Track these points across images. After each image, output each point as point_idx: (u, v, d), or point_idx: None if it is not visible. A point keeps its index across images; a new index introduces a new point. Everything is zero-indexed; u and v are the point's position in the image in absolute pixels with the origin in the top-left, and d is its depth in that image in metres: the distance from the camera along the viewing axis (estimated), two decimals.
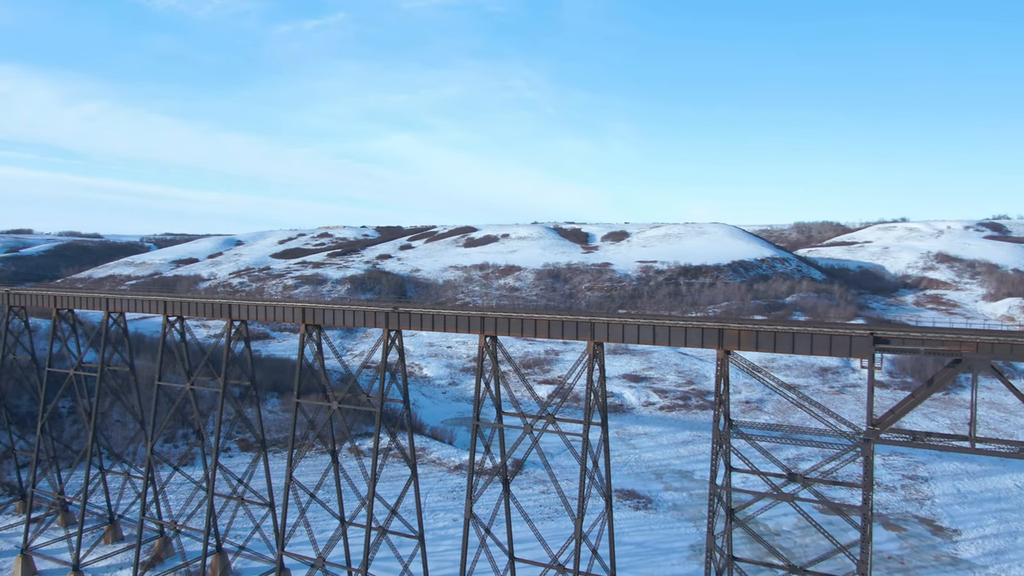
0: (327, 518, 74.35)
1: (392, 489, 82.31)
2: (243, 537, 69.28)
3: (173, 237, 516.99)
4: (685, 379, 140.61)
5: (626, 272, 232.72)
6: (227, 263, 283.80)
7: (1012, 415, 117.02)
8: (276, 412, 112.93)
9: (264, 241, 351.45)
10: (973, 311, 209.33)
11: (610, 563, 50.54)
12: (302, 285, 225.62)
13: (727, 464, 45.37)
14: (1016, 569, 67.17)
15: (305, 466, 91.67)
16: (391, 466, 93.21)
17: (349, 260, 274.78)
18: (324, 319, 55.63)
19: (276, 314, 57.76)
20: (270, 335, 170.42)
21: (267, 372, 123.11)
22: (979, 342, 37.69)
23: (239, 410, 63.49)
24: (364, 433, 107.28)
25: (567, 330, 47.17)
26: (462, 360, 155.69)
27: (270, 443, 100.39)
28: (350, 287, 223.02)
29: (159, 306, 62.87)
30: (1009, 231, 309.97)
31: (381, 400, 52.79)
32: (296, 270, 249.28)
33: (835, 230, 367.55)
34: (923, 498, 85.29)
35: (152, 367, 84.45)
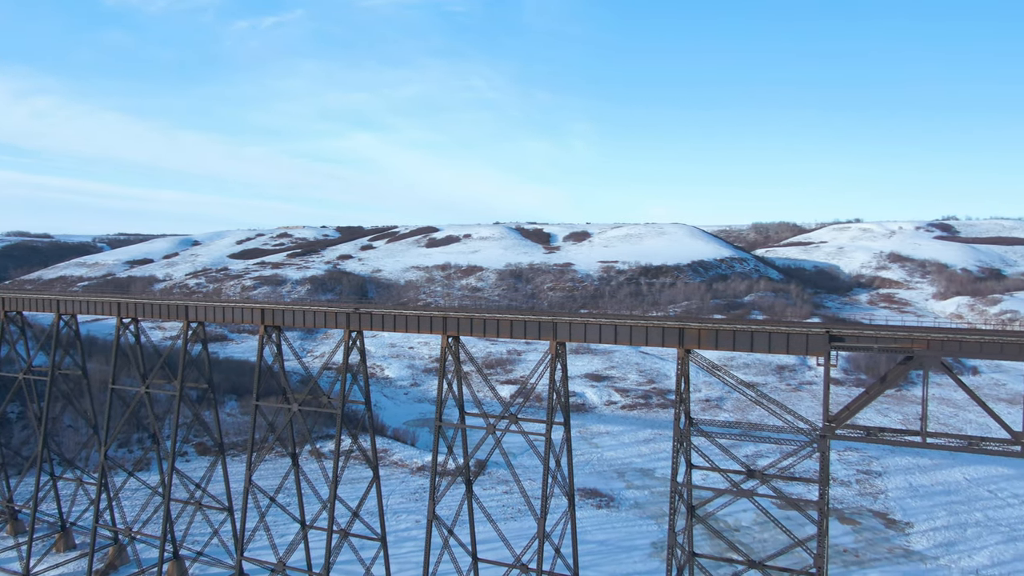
0: (287, 522, 73.39)
1: (354, 491, 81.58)
2: (201, 543, 68.01)
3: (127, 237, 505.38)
4: (646, 378, 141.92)
5: (588, 272, 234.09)
6: (183, 264, 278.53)
7: (961, 410, 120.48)
8: (235, 415, 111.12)
9: (222, 241, 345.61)
10: (924, 309, 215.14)
11: (573, 562, 50.78)
12: (261, 286, 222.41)
13: (688, 462, 45.91)
14: (965, 560, 69.17)
15: (265, 470, 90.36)
16: (353, 468, 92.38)
17: (309, 260, 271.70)
18: (284, 320, 54.91)
19: (234, 315, 56.82)
20: (228, 337, 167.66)
21: (225, 374, 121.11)
22: (930, 340, 38.73)
23: (196, 413, 62.34)
24: (325, 435, 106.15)
25: (530, 330, 47.26)
26: (424, 361, 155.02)
27: (228, 447, 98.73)
28: (310, 288, 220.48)
29: (112, 308, 61.40)
30: (958, 232, 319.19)
31: (342, 402, 52.28)
32: (255, 271, 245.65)
33: (792, 230, 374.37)
34: (877, 492, 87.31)
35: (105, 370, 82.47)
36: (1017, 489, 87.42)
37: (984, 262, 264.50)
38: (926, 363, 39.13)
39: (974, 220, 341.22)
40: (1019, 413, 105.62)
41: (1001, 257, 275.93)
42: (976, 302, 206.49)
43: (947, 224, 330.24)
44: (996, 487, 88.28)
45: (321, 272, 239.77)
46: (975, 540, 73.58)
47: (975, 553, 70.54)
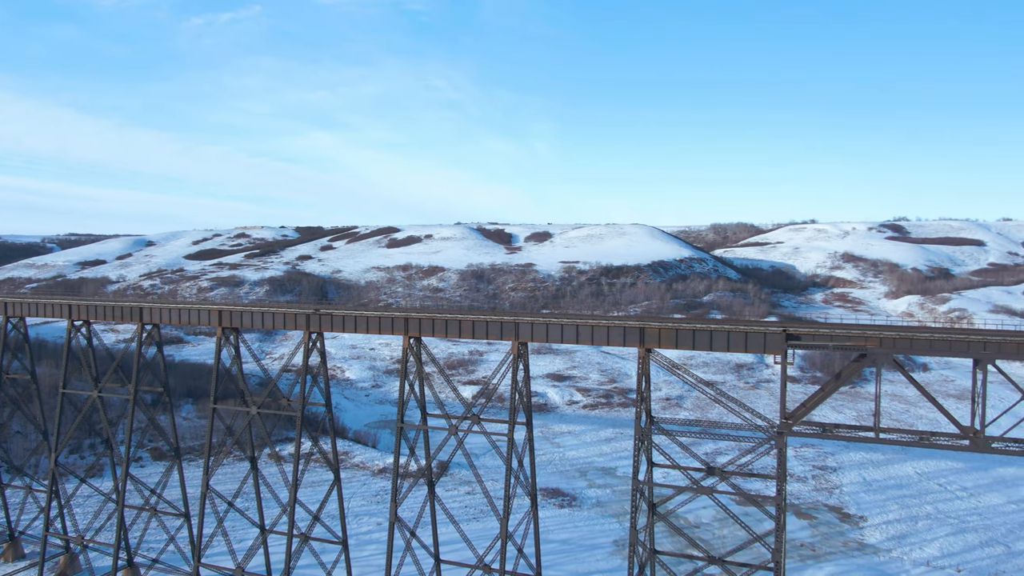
0: (246, 527, 72.25)
1: (314, 495, 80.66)
2: (156, 550, 66.59)
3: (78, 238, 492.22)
4: (608, 377, 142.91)
5: (549, 272, 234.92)
6: (137, 265, 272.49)
7: (912, 406, 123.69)
8: (191, 419, 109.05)
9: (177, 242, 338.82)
10: (876, 308, 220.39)
11: (536, 561, 50.90)
12: (218, 287, 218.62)
13: (649, 460, 46.34)
14: (917, 551, 71.04)
15: (223, 474, 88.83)
16: (313, 471, 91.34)
17: (268, 261, 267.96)
18: (242, 322, 54.07)
19: (191, 317, 55.77)
20: (184, 339, 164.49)
21: (181, 378, 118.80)
22: (882, 338, 39.71)
23: (151, 418, 61.03)
24: (285, 438, 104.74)
25: (492, 330, 47.26)
26: (385, 362, 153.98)
27: (185, 451, 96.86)
28: (269, 289, 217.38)
29: (63, 310, 59.79)
30: (908, 232, 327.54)
31: (302, 404, 51.66)
32: (212, 271, 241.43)
33: (749, 231, 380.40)
34: (832, 487, 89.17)
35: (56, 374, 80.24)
36: (965, 482, 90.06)
37: (934, 262, 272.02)
38: (879, 360, 40.09)
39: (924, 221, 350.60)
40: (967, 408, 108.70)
41: (950, 257, 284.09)
42: (926, 301, 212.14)
43: (898, 225, 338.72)
44: (946, 480, 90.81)
45: (280, 273, 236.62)
46: (926, 532, 75.59)
47: (926, 545, 72.49)
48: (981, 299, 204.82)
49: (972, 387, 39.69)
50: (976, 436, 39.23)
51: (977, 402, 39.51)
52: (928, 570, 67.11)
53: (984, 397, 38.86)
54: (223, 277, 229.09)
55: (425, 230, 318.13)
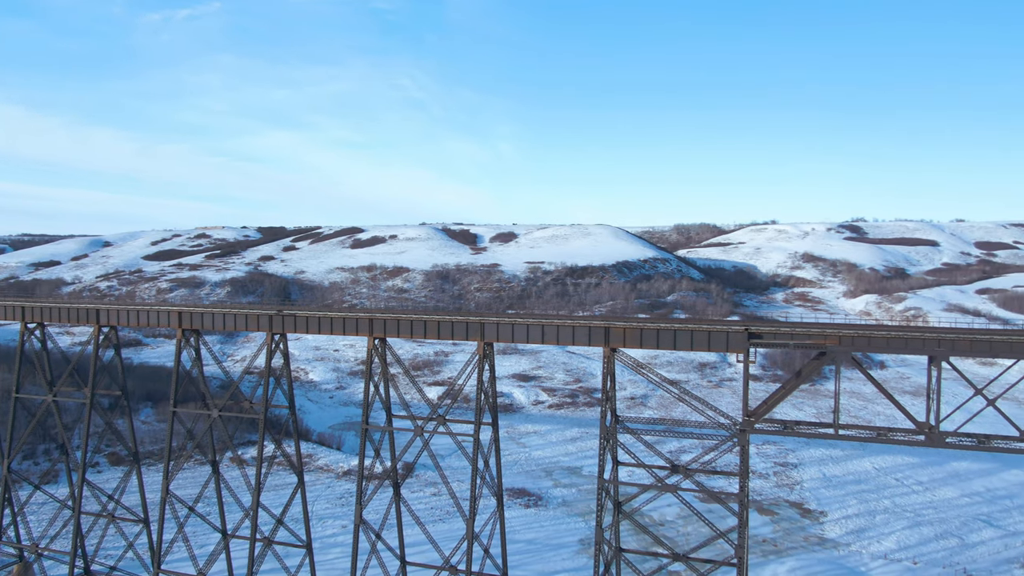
0: (208, 532, 71.07)
1: (278, 498, 79.67)
2: (115, 557, 65.17)
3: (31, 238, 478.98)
4: (573, 377, 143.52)
5: (514, 273, 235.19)
6: (94, 265, 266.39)
7: (870, 403, 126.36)
8: (151, 423, 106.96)
9: (136, 242, 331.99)
10: (835, 307, 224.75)
11: (502, 562, 50.91)
12: (178, 288, 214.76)
13: (614, 459, 46.64)
14: (875, 545, 72.59)
15: (183, 478, 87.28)
16: (276, 474, 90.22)
17: (229, 262, 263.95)
18: (203, 323, 53.19)
19: (150, 319, 54.70)
20: (143, 341, 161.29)
21: (140, 381, 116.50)
22: (841, 336, 40.50)
23: (109, 422, 59.71)
24: (247, 441, 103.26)
25: (457, 331, 47.16)
26: (350, 363, 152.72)
27: (144, 456, 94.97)
28: (230, 290, 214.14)
29: (16, 312, 58.19)
30: (866, 232, 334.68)
31: (265, 406, 51.00)
32: (171, 272, 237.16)
33: (712, 231, 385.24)
34: (793, 483, 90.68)
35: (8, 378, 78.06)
36: (921, 476, 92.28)
37: (890, 262, 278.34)
38: (838, 358, 40.88)
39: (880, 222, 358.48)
40: (923, 404, 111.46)
41: (905, 257, 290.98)
42: (883, 300, 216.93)
43: (856, 225, 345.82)
44: (902, 475, 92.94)
45: (242, 274, 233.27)
46: (883, 526, 77.28)
47: (883, 538, 74.11)
48: (935, 298, 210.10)
49: (927, 384, 40.69)
50: (931, 431, 40.21)
51: (932, 398, 40.50)
52: (886, 563, 68.62)
53: (939, 393, 39.84)
54: (183, 278, 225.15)
55: (390, 230, 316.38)
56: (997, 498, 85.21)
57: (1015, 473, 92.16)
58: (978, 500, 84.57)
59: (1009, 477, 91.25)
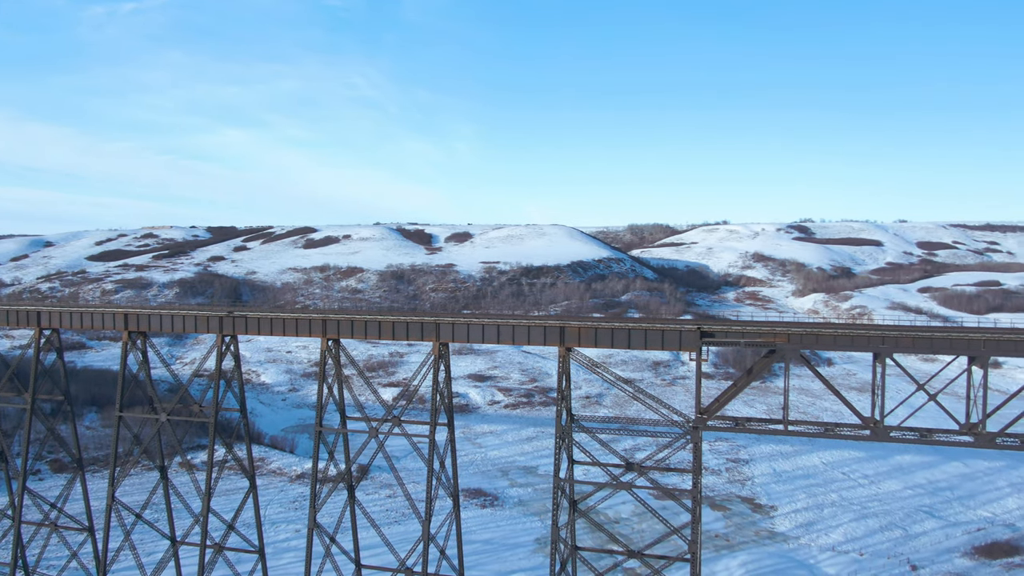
0: (156, 539, 69.37)
1: (229, 503, 78.18)
2: (58, 567, 63.14)
3: None
4: (528, 377, 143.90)
5: (470, 273, 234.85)
6: (34, 266, 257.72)
7: (818, 399, 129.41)
8: (95, 428, 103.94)
9: (79, 242, 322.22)
10: (785, 306, 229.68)
11: (458, 562, 50.78)
12: (124, 290, 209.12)
13: (569, 457, 46.89)
14: (823, 538, 74.39)
15: (130, 485, 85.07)
16: (228, 479, 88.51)
17: (178, 262, 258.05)
18: (150, 326, 51.89)
19: (94, 321, 53.15)
20: (87, 344, 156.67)
21: (84, 385, 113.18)
22: (790, 334, 41.40)
23: (51, 428, 57.82)
24: (197, 446, 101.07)
25: (412, 331, 46.88)
26: (303, 365, 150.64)
27: (88, 462, 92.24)
28: (179, 291, 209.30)
29: None
30: (814, 233, 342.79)
31: (215, 410, 49.98)
32: (117, 273, 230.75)
33: (665, 232, 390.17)
34: (744, 479, 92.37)
35: None
36: (867, 470, 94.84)
37: (837, 261, 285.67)
38: (787, 356, 41.76)
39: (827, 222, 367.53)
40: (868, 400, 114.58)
41: (851, 256, 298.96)
42: (830, 298, 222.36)
43: (804, 226, 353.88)
44: (849, 469, 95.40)
45: (191, 274, 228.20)
46: (831, 519, 79.24)
47: (831, 531, 75.99)
48: (880, 296, 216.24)
49: (872, 380, 41.83)
50: (876, 426, 41.36)
51: (877, 394, 41.66)
52: (833, 555, 70.37)
53: (883, 389, 41.00)
54: (129, 279, 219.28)
55: (343, 230, 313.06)
56: (938, 490, 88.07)
57: (955, 465, 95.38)
58: (920, 492, 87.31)
59: (950, 469, 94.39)
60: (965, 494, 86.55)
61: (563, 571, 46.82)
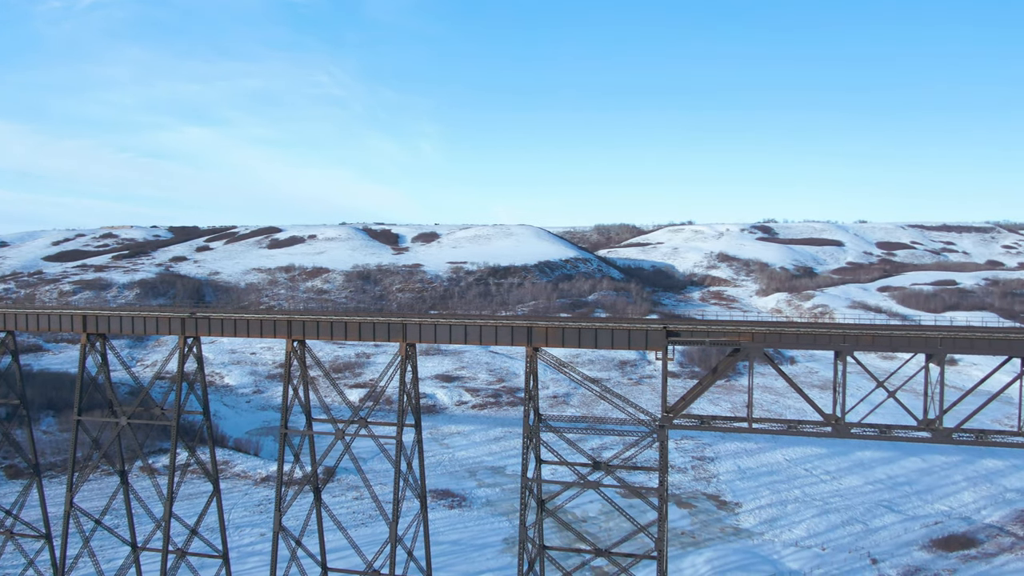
0: (116, 546, 67.97)
1: (192, 508, 76.96)
2: (14, 575, 61.54)
3: None
4: (496, 377, 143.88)
5: (437, 273, 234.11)
6: None
7: (782, 397, 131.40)
8: (52, 432, 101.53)
9: (35, 242, 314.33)
10: (749, 305, 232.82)
11: (426, 564, 50.60)
12: (82, 291, 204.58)
13: (537, 457, 46.98)
14: (787, 533, 75.56)
15: (89, 490, 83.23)
16: (191, 483, 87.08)
17: (138, 263, 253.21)
18: (109, 327, 50.84)
19: (51, 323, 51.92)
20: (44, 347, 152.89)
21: (41, 388, 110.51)
22: (754, 333, 41.97)
23: (6, 432, 56.36)
24: (159, 450, 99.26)
25: (379, 332, 46.58)
26: (268, 366, 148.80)
27: (45, 467, 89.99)
28: (140, 292, 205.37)
29: None
30: (777, 233, 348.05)
31: (177, 412, 49.14)
32: (75, 274, 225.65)
33: (631, 232, 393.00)
34: (710, 476, 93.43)
35: None
36: (829, 466, 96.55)
37: (799, 261, 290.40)
38: (751, 354, 42.33)
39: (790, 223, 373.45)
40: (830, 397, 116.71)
41: (813, 256, 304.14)
42: (793, 298, 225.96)
43: (767, 226, 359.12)
44: (811, 465, 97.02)
45: (152, 275, 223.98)
46: (794, 515, 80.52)
47: (794, 527, 77.22)
48: (841, 295, 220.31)
49: (834, 378, 42.59)
50: (838, 423, 42.13)
51: (838, 392, 42.43)
52: (797, 550, 71.51)
53: (844, 387, 41.77)
54: (88, 280, 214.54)
55: (309, 230, 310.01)
56: (898, 484, 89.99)
57: (913, 460, 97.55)
58: (880, 487, 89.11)
59: (908, 464, 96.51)
60: (923, 488, 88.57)
61: (531, 570, 46.90)
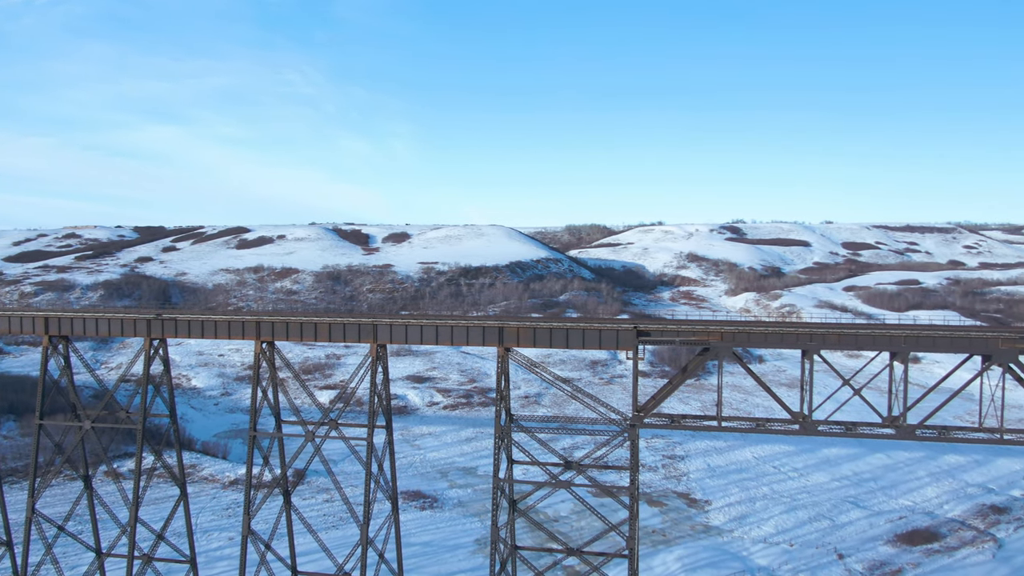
0: (80, 552, 66.64)
1: (159, 512, 75.73)
2: None
3: None
4: (468, 377, 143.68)
5: (408, 273, 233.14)
6: None
7: (750, 395, 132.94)
8: (13, 437, 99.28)
9: None
10: (718, 305, 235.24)
11: (397, 566, 50.37)
12: (44, 292, 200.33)
13: (509, 457, 47.01)
14: (756, 530, 76.47)
15: (51, 496, 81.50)
16: (157, 487, 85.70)
17: (102, 263, 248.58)
18: (72, 329, 49.85)
19: (12, 325, 50.78)
20: (4, 350, 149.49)
21: (1, 392, 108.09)
22: (723, 332, 42.42)
23: None
24: (124, 454, 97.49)
25: (349, 333, 46.26)
26: (236, 368, 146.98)
27: (6, 473, 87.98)
28: (104, 294, 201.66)
29: None
30: (745, 233, 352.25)
31: (143, 416, 48.33)
32: (36, 275, 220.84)
33: (602, 232, 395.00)
34: (680, 475, 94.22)
35: None
36: (796, 463, 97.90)
37: (767, 261, 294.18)
38: (720, 353, 42.78)
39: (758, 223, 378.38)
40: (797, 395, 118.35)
41: (781, 256, 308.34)
42: (761, 297, 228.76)
43: (736, 227, 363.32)
44: (780, 463, 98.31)
45: (117, 276, 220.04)
46: (763, 512, 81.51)
47: (763, 523, 78.17)
48: (808, 295, 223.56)
49: (801, 376, 43.20)
50: (805, 421, 42.74)
51: (805, 390, 43.04)
52: (765, 547, 72.41)
53: (811, 385, 42.38)
54: (50, 281, 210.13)
55: (278, 230, 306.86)
56: (863, 480, 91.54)
57: (879, 457, 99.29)
58: (847, 483, 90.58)
59: (874, 461, 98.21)
60: (888, 484, 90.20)
61: (503, 571, 46.90)
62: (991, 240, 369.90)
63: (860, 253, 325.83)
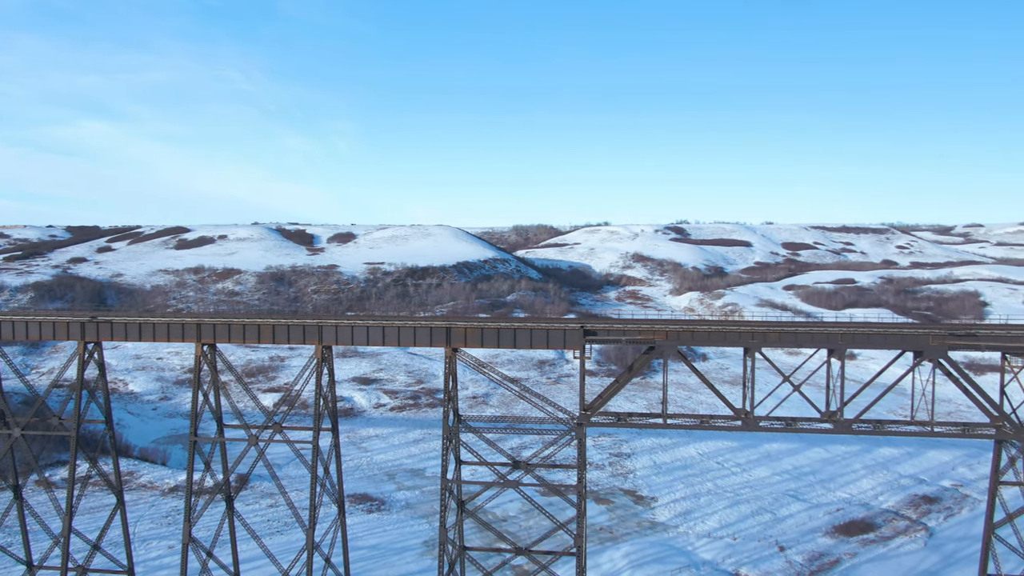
0: (10, 565, 63.91)
1: (95, 522, 73.20)
2: None
3: None
4: (415, 378, 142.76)
5: (354, 274, 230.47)
6: None
7: (695, 393, 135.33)
8: None
9: None
10: (663, 304, 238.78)
11: (344, 570, 49.72)
12: None
13: (457, 458, 46.87)
14: (700, 525, 77.86)
15: None
16: (92, 496, 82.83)
17: (32, 264, 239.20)
18: (1, 333, 47.79)
19: None
20: None
21: None
22: (668, 331, 43.06)
23: None
24: (57, 462, 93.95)
25: (293, 334, 45.50)
26: (176, 372, 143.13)
27: None
28: (34, 296, 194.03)
29: None
30: (689, 234, 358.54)
31: (77, 422, 46.66)
32: None
33: (549, 233, 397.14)
34: (627, 472, 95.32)
35: None
36: (739, 459, 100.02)
37: (710, 261, 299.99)
38: (665, 352, 43.42)
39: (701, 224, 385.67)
40: (740, 392, 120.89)
41: (723, 256, 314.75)
42: (704, 296, 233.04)
43: (680, 227, 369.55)
44: (723, 459, 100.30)
45: (48, 277, 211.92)
46: (707, 507, 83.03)
47: (707, 519, 79.65)
48: (749, 294, 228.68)
49: (743, 373, 44.15)
50: (747, 417, 43.68)
51: (747, 387, 43.99)
52: (710, 541, 73.79)
53: (753, 382, 43.34)
54: None
55: (219, 230, 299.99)
56: (803, 474, 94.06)
57: (817, 451, 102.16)
58: (787, 477, 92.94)
59: (812, 455, 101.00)
60: (826, 477, 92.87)
61: (451, 572, 46.72)
62: (922, 240, 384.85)
63: (799, 253, 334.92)
